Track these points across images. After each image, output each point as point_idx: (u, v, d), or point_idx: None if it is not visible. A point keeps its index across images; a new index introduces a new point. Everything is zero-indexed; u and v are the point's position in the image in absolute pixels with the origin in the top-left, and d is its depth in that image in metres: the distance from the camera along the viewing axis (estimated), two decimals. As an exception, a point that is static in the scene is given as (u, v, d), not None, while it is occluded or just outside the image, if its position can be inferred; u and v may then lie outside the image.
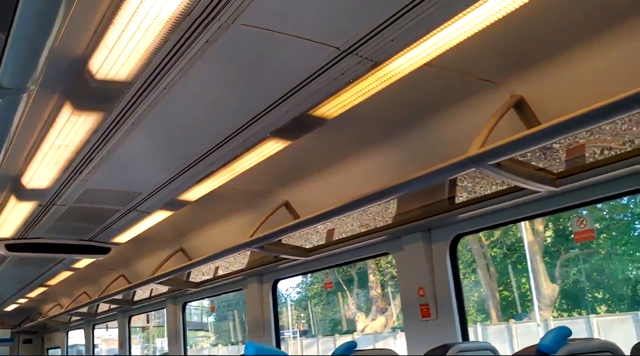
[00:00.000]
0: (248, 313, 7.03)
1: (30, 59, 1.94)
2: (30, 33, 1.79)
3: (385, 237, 4.91)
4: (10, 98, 2.20)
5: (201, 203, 5.54)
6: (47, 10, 1.68)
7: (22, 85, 2.09)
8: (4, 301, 12.93)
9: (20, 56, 1.91)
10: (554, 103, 3.36)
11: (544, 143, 3.07)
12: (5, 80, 2.05)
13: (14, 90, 2.12)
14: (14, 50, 1.86)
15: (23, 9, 1.65)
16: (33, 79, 2.07)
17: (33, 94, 2.22)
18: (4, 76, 2.02)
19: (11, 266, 8.58)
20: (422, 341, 4.51)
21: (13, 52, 1.88)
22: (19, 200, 5.30)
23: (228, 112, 3.76)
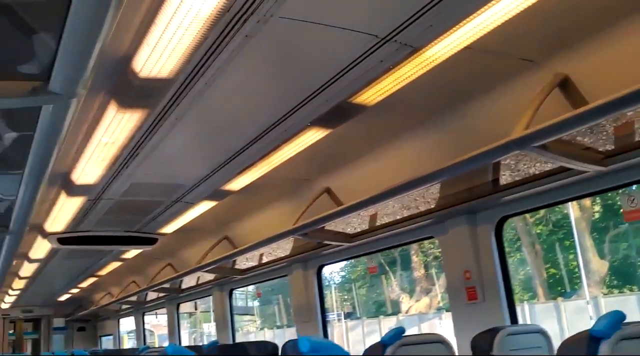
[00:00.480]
0: (293, 299, 7.12)
1: (80, 64, 1.99)
2: (80, 40, 1.84)
3: (429, 221, 4.89)
4: (61, 103, 2.27)
5: (244, 192, 5.61)
6: (96, 17, 1.72)
7: (72, 91, 2.15)
8: (57, 291, 13.40)
9: (70, 63, 1.97)
10: (601, 81, 3.26)
11: (593, 122, 3.00)
12: (57, 86, 2.11)
13: (65, 96, 2.18)
14: (65, 57, 1.91)
15: (73, 17, 1.69)
16: (83, 83, 2.12)
17: (83, 98, 2.28)
18: (55, 83, 2.08)
19: (63, 258, 8.88)
20: (470, 324, 4.49)
21: (64, 59, 1.93)
22: (68, 195, 5.47)
23: (268, 104, 3.78)
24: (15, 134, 3.66)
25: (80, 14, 1.69)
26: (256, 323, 37.29)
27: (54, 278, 11.36)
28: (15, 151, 3.68)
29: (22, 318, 16.63)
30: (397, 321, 25.54)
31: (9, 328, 16.45)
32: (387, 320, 26.58)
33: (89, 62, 1.99)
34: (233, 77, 3.33)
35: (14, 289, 12.30)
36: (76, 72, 2.04)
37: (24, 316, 16.59)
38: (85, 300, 15.38)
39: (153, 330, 25.27)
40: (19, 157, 3.48)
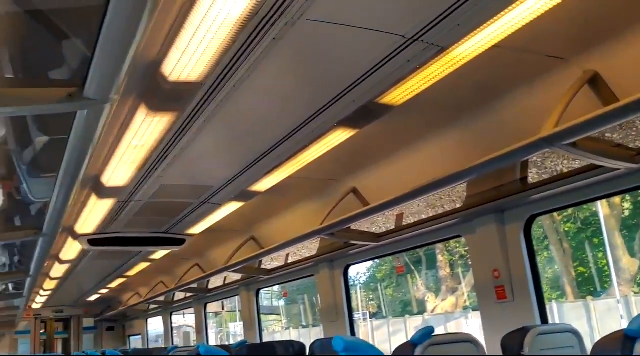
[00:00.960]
0: (320, 299, 7.14)
1: (115, 70, 2.03)
2: (115, 46, 1.88)
3: (456, 220, 4.87)
4: (96, 108, 2.32)
5: (271, 193, 5.64)
6: (130, 24, 1.76)
7: (106, 96, 2.19)
8: (87, 292, 13.61)
9: (105, 69, 2.01)
10: (631, 77, 3.22)
11: (624, 119, 2.97)
12: (91, 92, 2.15)
13: (99, 101, 2.23)
14: (100, 64, 1.96)
15: (109, 24, 1.73)
16: (116, 89, 2.17)
17: (116, 103, 2.33)
18: (90, 89, 2.13)
19: (93, 259, 9.03)
20: (499, 324, 4.47)
21: (99, 66, 1.97)
22: (99, 198, 5.56)
23: (295, 105, 3.81)
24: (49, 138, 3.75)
25: (116, 21, 1.73)
26: (282, 322, 37.41)
27: (83, 279, 11.55)
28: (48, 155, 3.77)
29: (52, 318, 16.94)
30: (423, 321, 25.41)
31: (40, 328, 16.77)
32: (413, 319, 26.45)
33: (123, 68, 2.03)
34: (260, 79, 3.36)
35: (45, 290, 12.53)
36: (110, 78, 2.09)
37: (54, 316, 16.90)
38: (114, 300, 15.59)
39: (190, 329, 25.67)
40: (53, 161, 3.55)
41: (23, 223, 5.38)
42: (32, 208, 5.12)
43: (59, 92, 2.24)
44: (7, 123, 3.51)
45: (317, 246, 6.92)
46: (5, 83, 2.50)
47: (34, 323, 16.42)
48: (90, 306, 16.42)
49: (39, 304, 15.20)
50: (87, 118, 2.45)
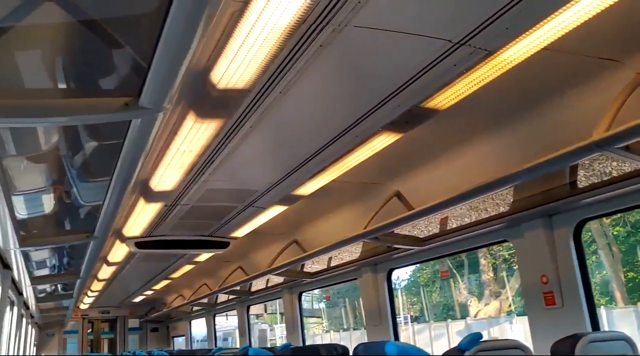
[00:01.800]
0: (363, 302, 7.13)
1: (169, 80, 2.08)
2: (170, 56, 1.92)
3: (502, 224, 4.80)
4: (149, 116, 2.38)
5: (314, 196, 5.67)
6: (187, 34, 1.80)
7: (160, 105, 2.25)
8: (132, 293, 13.91)
9: (160, 79, 2.06)
10: (687, 78, 3.13)
11: (680, 122, 2.88)
12: (146, 101, 2.21)
13: (153, 110, 2.28)
14: (156, 73, 2.01)
15: (166, 34, 1.78)
16: (170, 97, 2.22)
17: (169, 111, 2.39)
18: (145, 98, 2.19)
19: (139, 261, 9.24)
20: (548, 330, 4.39)
21: (154, 76, 2.03)
22: (147, 202, 5.69)
23: (340, 110, 3.82)
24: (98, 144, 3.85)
25: (173, 31, 1.78)
26: (322, 325, 37.46)
27: (129, 281, 11.81)
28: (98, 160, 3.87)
29: (99, 318, 17.38)
30: (465, 325, 25.07)
31: (87, 328, 17.22)
32: (455, 323, 26.13)
33: (177, 78, 2.08)
34: (307, 85, 3.39)
35: (92, 291, 12.87)
36: (165, 87, 2.14)
37: (101, 317, 17.33)
38: (158, 302, 15.89)
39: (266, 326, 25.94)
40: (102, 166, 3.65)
41: (72, 227, 5.54)
42: (81, 211, 5.27)
43: (116, 101, 2.31)
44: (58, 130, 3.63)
45: (360, 250, 6.92)
46: (61, 93, 2.58)
47: (81, 323, 16.88)
48: (135, 307, 16.78)
49: (86, 305, 15.61)
50: (140, 127, 2.52)
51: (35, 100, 2.42)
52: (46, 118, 2.51)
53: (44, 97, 2.47)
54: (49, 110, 2.42)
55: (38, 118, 2.49)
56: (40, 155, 4.01)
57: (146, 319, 17.30)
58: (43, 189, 4.65)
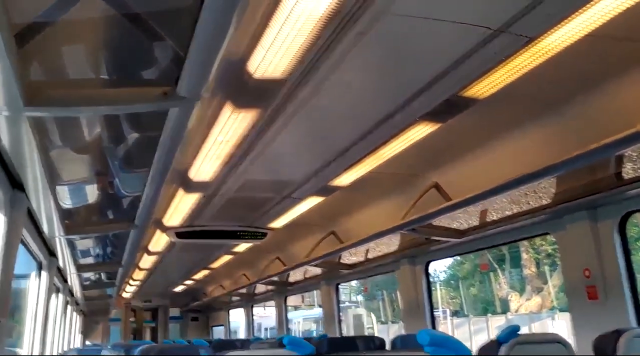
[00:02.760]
0: (401, 295, 7.10)
1: (205, 69, 2.10)
2: (206, 46, 1.94)
3: (544, 217, 4.70)
4: (187, 105, 2.41)
5: (351, 188, 5.66)
6: (222, 24, 1.82)
7: (196, 94, 2.27)
8: (173, 282, 14.18)
9: (196, 68, 2.09)
10: None
11: None
12: (182, 90, 2.24)
13: (190, 99, 2.31)
14: (192, 63, 2.03)
15: (201, 24, 1.79)
16: (206, 86, 2.24)
17: (206, 101, 2.41)
18: (181, 87, 2.22)
19: (179, 251, 9.40)
20: (590, 325, 4.28)
21: (191, 65, 2.05)
22: (186, 192, 5.78)
23: (378, 100, 3.80)
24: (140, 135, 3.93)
25: (208, 21, 1.79)
26: (361, 317, 37.44)
27: (170, 270, 12.03)
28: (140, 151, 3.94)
29: (141, 307, 17.77)
30: (506, 321, 24.70)
31: (130, 316, 17.63)
32: (495, 318, 25.77)
33: (213, 67, 2.10)
34: (343, 74, 3.37)
35: (134, 280, 13.15)
36: (201, 76, 2.16)
37: (143, 306, 17.71)
38: (198, 292, 16.16)
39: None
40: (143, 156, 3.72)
41: (115, 216, 5.67)
42: (124, 201, 5.38)
43: (155, 91, 2.34)
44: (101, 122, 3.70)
45: (398, 242, 6.88)
46: (103, 83, 2.64)
47: (124, 312, 17.29)
48: (176, 297, 17.11)
49: (128, 293, 15.97)
50: (178, 116, 2.55)
51: (79, 90, 2.47)
52: (88, 108, 2.56)
53: (86, 87, 2.52)
54: (92, 100, 2.46)
55: (80, 108, 2.54)
56: (84, 146, 4.11)
57: (187, 308, 17.62)
58: (86, 180, 4.77)
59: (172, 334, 17.79)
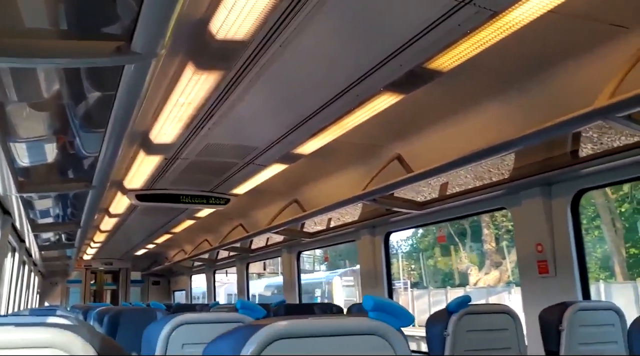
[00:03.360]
0: (360, 264, 7.18)
1: (161, 25, 2.04)
2: (162, 1, 1.89)
3: (501, 191, 4.79)
4: (142, 63, 2.35)
5: (315, 156, 5.65)
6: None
7: (153, 51, 2.21)
8: (135, 246, 14.08)
9: (151, 23, 2.02)
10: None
11: (684, 93, 2.82)
12: (138, 46, 2.18)
13: (145, 56, 2.25)
14: (147, 18, 1.97)
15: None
16: (163, 43, 2.18)
17: (162, 58, 2.35)
18: (136, 43, 2.15)
19: (141, 214, 9.31)
20: (540, 298, 4.40)
21: (145, 20, 1.99)
22: (147, 154, 5.69)
23: (342, 67, 3.76)
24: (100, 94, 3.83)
25: (162, -26, 1.73)
26: (322, 286, 37.86)
27: (131, 233, 11.94)
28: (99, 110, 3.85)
29: (102, 269, 17.64)
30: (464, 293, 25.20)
31: (90, 279, 17.50)
32: (454, 291, 26.36)
33: (170, 23, 2.04)
34: (308, 40, 3.33)
35: (95, 242, 13.02)
36: (157, 32, 2.10)
37: (104, 269, 17.59)
38: (160, 256, 16.10)
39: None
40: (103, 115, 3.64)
41: (75, 177, 5.56)
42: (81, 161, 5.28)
43: (108, 45, 2.28)
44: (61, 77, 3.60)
45: (360, 212, 6.94)
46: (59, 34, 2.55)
47: (84, 274, 17.15)
48: (137, 261, 17.02)
49: (89, 256, 15.82)
50: (134, 73, 2.48)
51: (31, 41, 2.39)
52: (42, 59, 2.47)
53: (40, 38, 2.43)
54: (45, 52, 2.39)
55: (32, 59, 2.45)
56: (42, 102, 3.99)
57: (148, 272, 17.55)
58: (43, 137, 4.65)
59: (133, 298, 17.72)
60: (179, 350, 2.72)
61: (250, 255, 10.84)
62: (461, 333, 3.51)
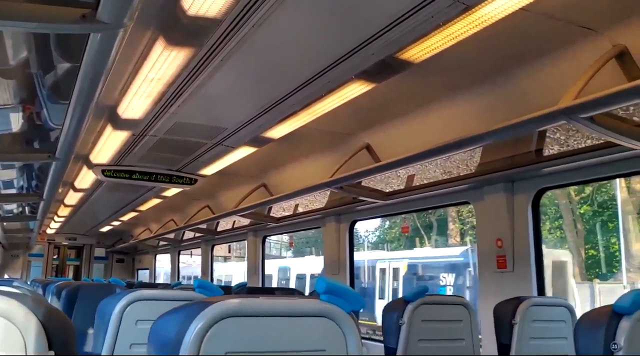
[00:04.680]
0: (325, 251, 7.21)
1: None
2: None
3: (466, 186, 4.85)
4: (109, 32, 2.31)
5: (284, 141, 5.64)
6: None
7: (119, 21, 2.18)
8: (100, 222, 13.90)
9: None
10: (660, 55, 3.12)
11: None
12: (104, 15, 2.14)
13: (111, 25, 2.21)
14: (112, -15, 1.94)
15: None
16: (130, 14, 2.15)
17: (129, 29, 2.31)
18: (103, 11, 2.11)
19: (107, 190, 9.18)
20: (496, 292, 4.49)
21: (111, -12, 1.96)
22: (114, 129, 5.60)
23: (314, 52, 3.75)
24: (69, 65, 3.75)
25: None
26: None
27: (97, 209, 11.78)
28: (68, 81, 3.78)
29: (66, 244, 17.37)
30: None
31: (53, 253, 17.23)
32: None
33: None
34: (281, 22, 3.30)
35: (59, 216, 12.81)
36: (124, 2, 2.07)
37: (67, 243, 17.33)
38: (125, 234, 15.93)
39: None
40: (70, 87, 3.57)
41: (36, 146, 5.45)
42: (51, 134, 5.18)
43: (73, 12, 2.23)
44: (30, 45, 3.52)
45: (327, 200, 6.96)
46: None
47: (47, 248, 16.87)
48: (102, 237, 16.82)
49: (53, 230, 15.56)
50: (100, 43, 2.44)
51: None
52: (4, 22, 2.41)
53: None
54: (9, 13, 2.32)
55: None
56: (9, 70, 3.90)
57: (113, 250, 17.36)
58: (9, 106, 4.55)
59: (96, 274, 17.52)
60: (132, 326, 2.70)
61: (215, 237, 10.80)
62: (416, 322, 3.56)
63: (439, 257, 18.67)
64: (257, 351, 1.62)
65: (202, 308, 1.57)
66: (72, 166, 7.15)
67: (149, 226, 13.73)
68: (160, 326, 1.67)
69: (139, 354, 2.66)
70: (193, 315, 1.57)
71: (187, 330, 1.54)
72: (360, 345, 1.75)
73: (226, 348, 1.58)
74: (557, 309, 3.65)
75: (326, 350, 1.70)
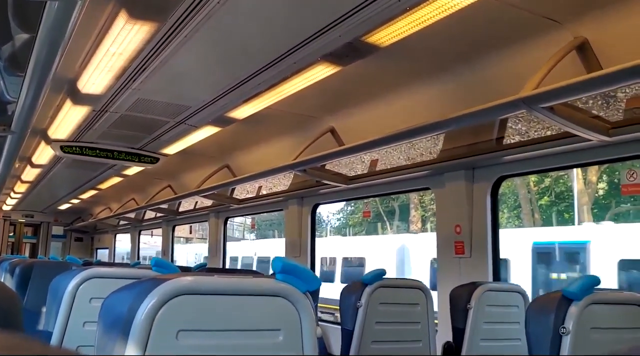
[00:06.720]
0: (286, 234, 7.21)
1: (85, -39, 1.95)
2: None
3: (428, 172, 4.89)
4: (67, 1, 2.23)
5: (248, 122, 5.59)
6: None
7: (77, -11, 2.11)
8: (58, 200, 13.60)
9: (75, -42, 1.93)
10: (619, 48, 3.19)
11: (602, 89, 2.95)
12: (61, -18, 2.07)
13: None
14: (70, -49, 1.87)
15: None
16: (87, -18, 2.09)
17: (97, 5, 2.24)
18: (59, -22, 2.05)
19: (66, 167, 8.97)
20: (453, 277, 4.57)
21: (68, -46, 1.89)
22: (74, 103, 5.45)
23: (280, 32, 3.71)
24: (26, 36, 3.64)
25: None
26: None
27: (55, 186, 11.51)
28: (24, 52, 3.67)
29: (22, 221, 16.96)
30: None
31: (9, 230, 16.81)
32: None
33: (96, -40, 1.95)
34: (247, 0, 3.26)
35: (15, 192, 12.48)
36: (82, -31, 2.00)
37: (24, 221, 16.92)
38: (84, 212, 15.64)
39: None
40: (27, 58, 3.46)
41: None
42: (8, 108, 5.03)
43: (29, -22, 2.15)
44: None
45: (290, 182, 6.95)
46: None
47: (2, 225, 16.44)
48: (61, 215, 16.47)
49: (9, 206, 15.17)
50: (57, 11, 2.37)
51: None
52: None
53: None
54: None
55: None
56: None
57: (71, 228, 17.03)
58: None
59: (53, 252, 17.16)
60: (86, 303, 2.65)
61: (177, 217, 10.69)
62: (374, 304, 3.60)
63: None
64: (210, 329, 1.61)
65: (155, 285, 1.55)
66: (30, 141, 6.96)
67: (109, 205, 13.49)
68: (112, 302, 1.64)
69: (91, 331, 2.61)
70: (146, 292, 1.54)
71: (139, 307, 1.52)
72: (315, 325, 1.76)
73: (179, 326, 1.56)
74: (511, 294, 3.73)
75: (281, 329, 1.70)
